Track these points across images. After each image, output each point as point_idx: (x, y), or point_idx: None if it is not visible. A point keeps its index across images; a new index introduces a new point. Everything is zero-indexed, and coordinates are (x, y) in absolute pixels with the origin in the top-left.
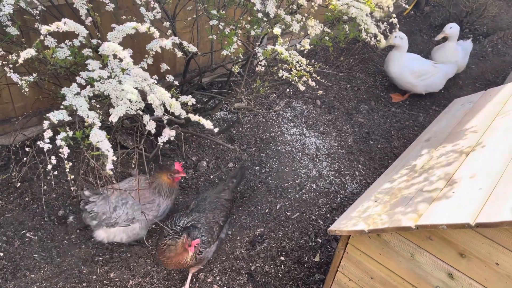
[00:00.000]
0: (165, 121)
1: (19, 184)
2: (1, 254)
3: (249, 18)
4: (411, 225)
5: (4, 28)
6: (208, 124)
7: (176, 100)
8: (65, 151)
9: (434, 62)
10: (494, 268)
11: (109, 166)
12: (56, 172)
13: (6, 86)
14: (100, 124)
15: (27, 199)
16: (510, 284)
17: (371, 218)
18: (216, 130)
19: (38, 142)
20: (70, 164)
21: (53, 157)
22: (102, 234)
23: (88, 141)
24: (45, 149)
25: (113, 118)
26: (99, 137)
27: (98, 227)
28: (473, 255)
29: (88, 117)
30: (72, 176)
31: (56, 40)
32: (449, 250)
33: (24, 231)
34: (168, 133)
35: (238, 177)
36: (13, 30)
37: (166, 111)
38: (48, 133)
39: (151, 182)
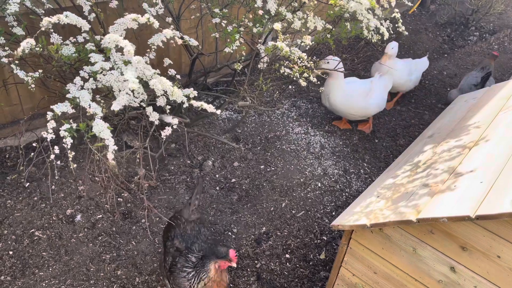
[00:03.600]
0: (167, 111)
1: (27, 184)
2: (11, 253)
3: (250, 16)
4: (412, 219)
5: (10, 28)
6: (210, 107)
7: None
8: (68, 141)
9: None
10: (496, 261)
11: (110, 155)
12: (61, 170)
13: (14, 87)
14: (101, 114)
15: (35, 198)
16: None
17: (373, 213)
18: (218, 112)
19: (42, 133)
20: (73, 153)
21: (58, 156)
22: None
23: (92, 132)
24: (48, 139)
25: (115, 107)
26: (100, 127)
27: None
28: (474, 248)
29: (90, 107)
30: (75, 165)
31: (61, 37)
32: (451, 243)
33: (32, 230)
34: (171, 121)
35: (199, 190)
36: (18, 30)
37: (168, 104)
38: (51, 124)
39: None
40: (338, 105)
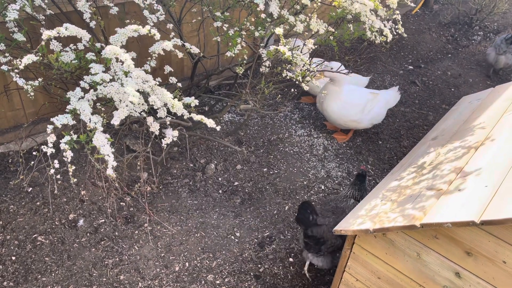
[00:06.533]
0: (168, 122)
1: (30, 188)
2: (13, 258)
3: (252, 20)
4: (416, 224)
5: (11, 34)
6: (210, 122)
7: (179, 101)
8: (69, 154)
9: (371, 90)
10: (501, 266)
11: (109, 171)
12: (64, 175)
13: (16, 92)
14: (101, 128)
15: (38, 203)
16: None
17: (378, 217)
18: (218, 128)
19: (42, 147)
20: (74, 167)
21: (61, 162)
22: (503, 59)
23: (92, 144)
24: (48, 154)
25: (115, 121)
26: (100, 142)
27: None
28: (480, 254)
29: (90, 121)
30: (75, 180)
31: (61, 44)
32: (456, 248)
33: (35, 235)
34: (171, 134)
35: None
36: (19, 36)
37: (169, 113)
38: (52, 138)
39: None
40: (329, 113)
